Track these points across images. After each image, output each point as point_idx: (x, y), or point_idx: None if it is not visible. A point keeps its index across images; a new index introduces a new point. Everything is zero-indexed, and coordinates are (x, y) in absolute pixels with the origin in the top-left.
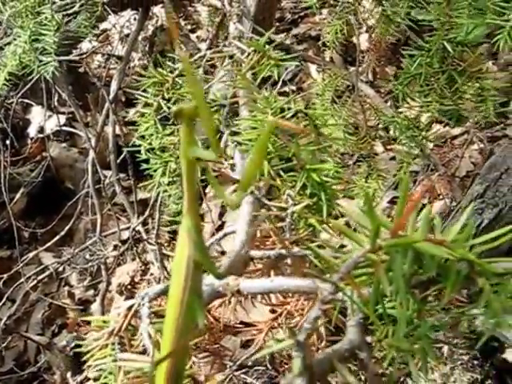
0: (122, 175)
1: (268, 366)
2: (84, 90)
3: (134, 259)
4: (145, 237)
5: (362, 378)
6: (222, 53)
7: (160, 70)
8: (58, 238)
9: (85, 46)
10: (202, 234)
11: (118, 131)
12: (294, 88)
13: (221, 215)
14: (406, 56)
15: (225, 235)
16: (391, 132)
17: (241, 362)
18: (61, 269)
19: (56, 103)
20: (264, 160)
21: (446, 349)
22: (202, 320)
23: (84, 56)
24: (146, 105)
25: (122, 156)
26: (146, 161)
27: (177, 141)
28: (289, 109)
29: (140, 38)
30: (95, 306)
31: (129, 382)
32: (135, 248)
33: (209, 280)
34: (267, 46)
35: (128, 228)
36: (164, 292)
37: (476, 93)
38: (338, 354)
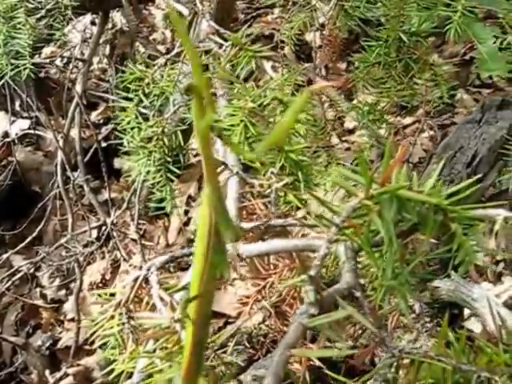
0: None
1: (246, 344)
2: (46, 95)
3: (103, 258)
4: (122, 231)
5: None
6: (199, 48)
7: (139, 66)
8: (29, 239)
9: (45, 50)
10: (222, 200)
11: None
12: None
13: (186, 212)
14: (365, 47)
15: None
16: (346, 124)
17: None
18: (33, 270)
19: (18, 108)
20: (293, 125)
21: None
22: (227, 272)
23: (54, 60)
24: (127, 100)
25: (87, 157)
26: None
27: (160, 131)
28: (265, 96)
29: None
30: (68, 305)
31: (149, 335)
32: (105, 246)
33: None
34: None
35: (99, 226)
36: (169, 261)
37: (430, 78)
38: (338, 292)
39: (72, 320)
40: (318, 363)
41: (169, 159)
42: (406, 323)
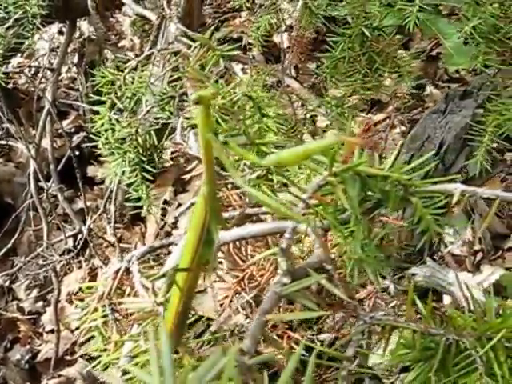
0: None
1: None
2: (15, 105)
3: (80, 267)
4: (99, 235)
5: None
6: (168, 50)
7: (110, 69)
8: (4, 251)
9: (12, 61)
10: (216, 200)
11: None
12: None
13: (163, 215)
14: (330, 42)
15: (191, 204)
16: (318, 123)
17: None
18: (8, 283)
19: None
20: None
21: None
22: (214, 264)
23: (22, 69)
24: (100, 103)
25: (60, 166)
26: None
27: (133, 132)
28: (235, 93)
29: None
30: (46, 317)
31: (134, 318)
32: (82, 255)
33: None
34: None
35: (75, 235)
36: (148, 252)
37: (394, 71)
38: (309, 265)
39: (51, 331)
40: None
41: (143, 159)
42: (382, 304)
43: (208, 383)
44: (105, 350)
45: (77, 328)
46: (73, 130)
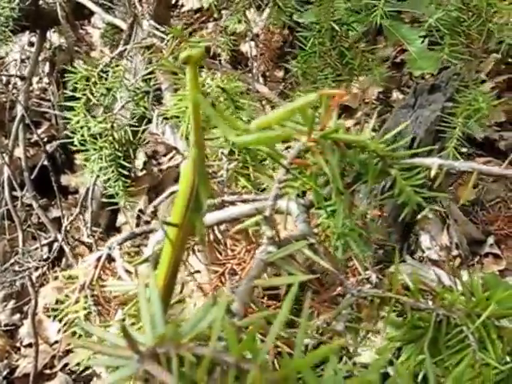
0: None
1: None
2: None
3: (56, 278)
4: (76, 238)
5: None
6: (142, 44)
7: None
8: None
9: None
10: (204, 164)
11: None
12: None
13: (137, 226)
14: (299, 38)
15: (171, 193)
16: None
17: None
18: None
19: None
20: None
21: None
22: (202, 231)
23: None
24: (75, 99)
25: (33, 176)
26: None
27: (109, 127)
28: (209, 84)
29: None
30: (24, 330)
31: (119, 300)
32: (58, 265)
33: None
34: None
35: (50, 243)
36: (129, 238)
37: (363, 64)
38: (293, 237)
39: (29, 345)
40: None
41: (120, 154)
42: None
43: (199, 333)
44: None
45: (56, 341)
46: (45, 139)
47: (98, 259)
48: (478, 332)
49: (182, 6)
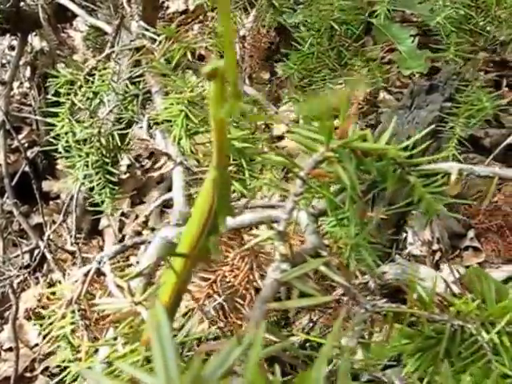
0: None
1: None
2: None
3: (37, 283)
4: (58, 246)
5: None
6: (130, 46)
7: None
8: None
9: None
10: (228, 188)
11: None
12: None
13: (120, 229)
14: (295, 38)
15: (163, 202)
16: (274, 131)
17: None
18: None
19: None
20: None
21: None
22: (216, 254)
23: None
24: (59, 105)
25: (14, 182)
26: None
27: (96, 132)
28: (203, 86)
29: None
30: (4, 335)
31: (111, 319)
32: (39, 271)
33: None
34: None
35: (31, 250)
36: (119, 252)
37: (363, 64)
38: (305, 252)
39: (9, 349)
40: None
41: (107, 160)
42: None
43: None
44: (73, 360)
45: (36, 344)
46: (26, 145)
47: (86, 274)
48: (492, 341)
49: (168, 7)
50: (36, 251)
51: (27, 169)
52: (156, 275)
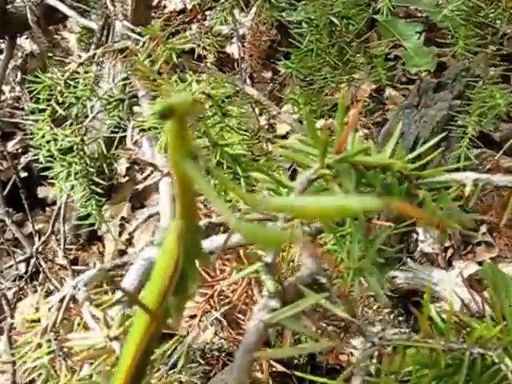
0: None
1: (201, 361)
2: None
3: (35, 291)
4: (50, 259)
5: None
6: (114, 48)
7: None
8: None
9: None
10: (196, 238)
11: None
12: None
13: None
14: (293, 35)
15: (149, 217)
16: (278, 130)
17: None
18: None
19: None
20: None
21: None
22: (179, 317)
23: None
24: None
25: (7, 189)
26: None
27: (79, 140)
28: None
29: (10, 67)
30: (1, 346)
31: (83, 358)
32: (36, 280)
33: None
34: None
35: (26, 259)
36: (96, 277)
37: (366, 61)
38: (300, 280)
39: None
40: (280, 368)
41: (92, 170)
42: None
43: None
44: None
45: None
46: (20, 150)
47: (62, 300)
48: None
49: (165, 7)
50: (31, 261)
51: (20, 175)
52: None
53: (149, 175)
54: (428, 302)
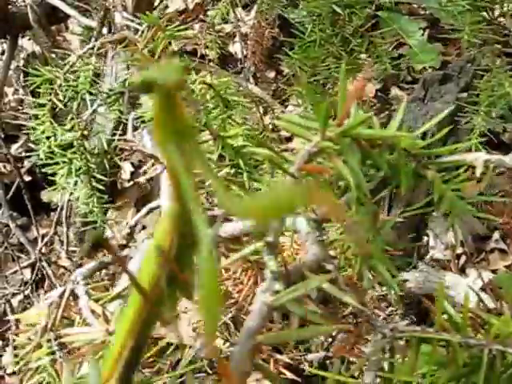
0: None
1: (208, 371)
2: None
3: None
4: (54, 261)
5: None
6: (112, 39)
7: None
8: None
9: None
10: (191, 224)
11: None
12: None
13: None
14: (295, 25)
15: (149, 211)
16: (282, 132)
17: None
18: None
19: None
20: None
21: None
22: (174, 311)
23: None
24: (39, 106)
25: (11, 193)
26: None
27: (79, 135)
28: (194, 80)
29: (12, 67)
30: (7, 358)
31: (81, 353)
32: (41, 287)
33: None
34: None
35: (31, 265)
36: (98, 269)
37: (371, 51)
38: (305, 266)
39: (14, 373)
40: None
41: (92, 166)
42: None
43: None
44: None
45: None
46: (23, 153)
47: (62, 295)
48: None
49: (167, 7)
50: (37, 265)
51: (23, 179)
52: None
53: (152, 178)
54: (443, 297)
